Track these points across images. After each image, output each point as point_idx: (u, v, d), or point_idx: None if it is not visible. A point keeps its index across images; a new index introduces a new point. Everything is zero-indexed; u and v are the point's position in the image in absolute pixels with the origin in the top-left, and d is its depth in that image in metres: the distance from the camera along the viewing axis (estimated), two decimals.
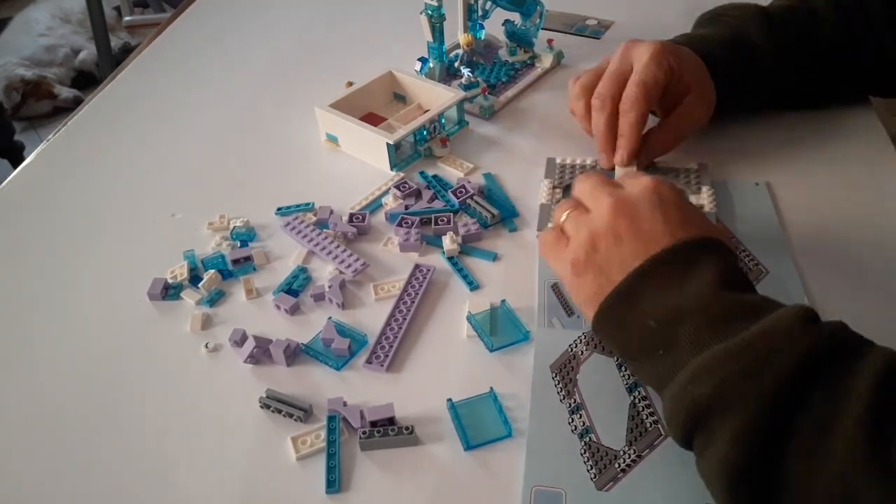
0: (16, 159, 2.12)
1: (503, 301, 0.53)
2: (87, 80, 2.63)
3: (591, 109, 0.62)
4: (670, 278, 0.41)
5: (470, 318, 0.52)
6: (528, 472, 0.43)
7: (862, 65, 0.65)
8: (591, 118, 0.62)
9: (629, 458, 0.43)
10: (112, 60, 2.38)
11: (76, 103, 2.31)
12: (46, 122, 2.47)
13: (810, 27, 0.64)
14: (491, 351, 0.50)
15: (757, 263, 0.54)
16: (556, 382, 0.48)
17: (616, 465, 0.43)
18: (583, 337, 0.50)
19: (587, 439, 0.44)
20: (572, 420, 0.45)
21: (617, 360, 0.48)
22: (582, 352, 0.49)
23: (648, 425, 0.44)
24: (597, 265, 0.44)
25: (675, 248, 0.42)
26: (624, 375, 0.47)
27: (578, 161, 0.65)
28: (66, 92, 2.51)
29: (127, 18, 2.79)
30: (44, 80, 2.48)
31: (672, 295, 0.41)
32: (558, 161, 0.66)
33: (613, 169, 0.61)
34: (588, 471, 0.43)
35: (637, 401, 0.46)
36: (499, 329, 0.52)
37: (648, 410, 0.45)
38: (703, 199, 0.59)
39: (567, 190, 0.62)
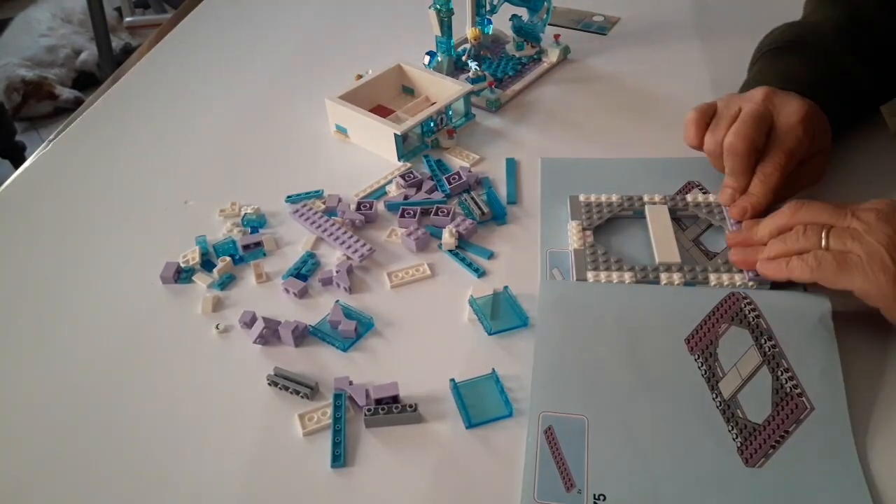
0: (17, 160, 2.13)
1: (506, 287, 0.55)
2: (87, 81, 2.62)
3: (725, 153, 0.57)
4: None
5: (472, 302, 0.54)
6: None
7: None
8: (725, 161, 0.57)
9: (777, 434, 0.43)
10: (113, 61, 2.37)
11: (77, 104, 2.32)
12: (47, 122, 2.46)
13: (873, 28, 0.64)
14: (490, 334, 0.52)
15: None
16: (696, 357, 0.48)
17: (765, 441, 0.43)
18: (717, 310, 0.50)
19: (731, 413, 0.45)
20: (715, 395, 0.46)
21: (754, 331, 0.48)
22: (721, 326, 0.49)
23: (793, 397, 0.45)
24: None
25: None
26: (764, 349, 0.47)
27: (604, 198, 0.60)
28: (66, 93, 2.50)
29: (128, 19, 2.80)
30: (45, 81, 2.48)
31: None
32: (582, 199, 0.60)
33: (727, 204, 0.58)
34: (737, 446, 0.43)
35: (780, 373, 0.46)
36: (499, 314, 0.53)
37: (792, 383, 0.45)
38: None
39: (596, 231, 0.58)
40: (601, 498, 0.41)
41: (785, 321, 0.48)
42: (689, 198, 0.60)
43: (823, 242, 0.48)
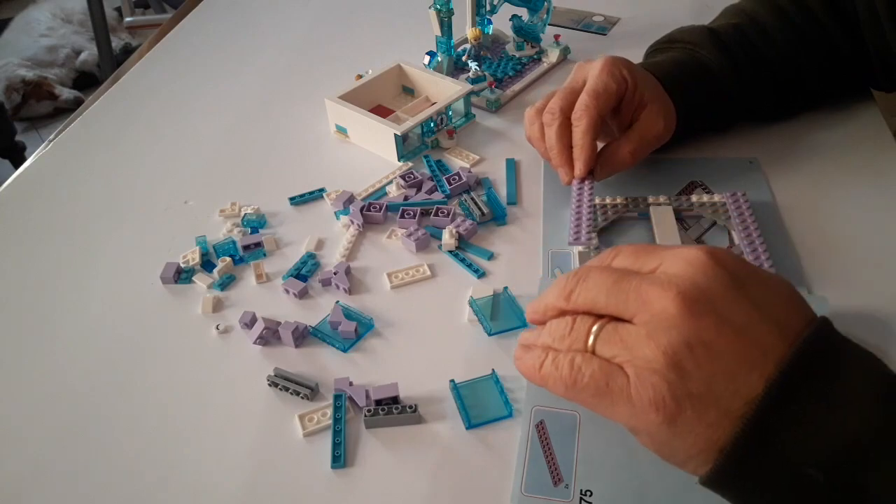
0: (17, 160, 2.13)
1: (505, 288, 0.55)
2: (87, 81, 2.62)
3: (544, 126, 0.60)
4: (818, 398, 0.30)
5: (472, 303, 0.54)
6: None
7: (822, 67, 0.65)
8: (545, 135, 0.60)
9: None
10: (113, 61, 2.37)
11: (77, 104, 2.31)
12: (47, 122, 2.46)
13: (759, 40, 0.64)
14: (489, 335, 0.52)
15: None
16: None
17: None
18: None
19: None
20: None
21: None
22: None
23: None
24: (695, 397, 0.30)
25: (805, 352, 0.30)
26: None
27: (609, 200, 0.60)
28: (66, 93, 2.50)
29: (128, 19, 2.80)
30: (45, 81, 2.48)
31: (831, 423, 0.29)
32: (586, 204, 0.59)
33: (571, 184, 0.58)
34: None
35: None
36: (499, 315, 0.53)
37: None
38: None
39: (601, 233, 0.58)
40: (588, 493, 0.42)
41: None
42: (693, 198, 0.60)
43: (592, 339, 0.34)
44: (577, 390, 0.34)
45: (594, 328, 0.34)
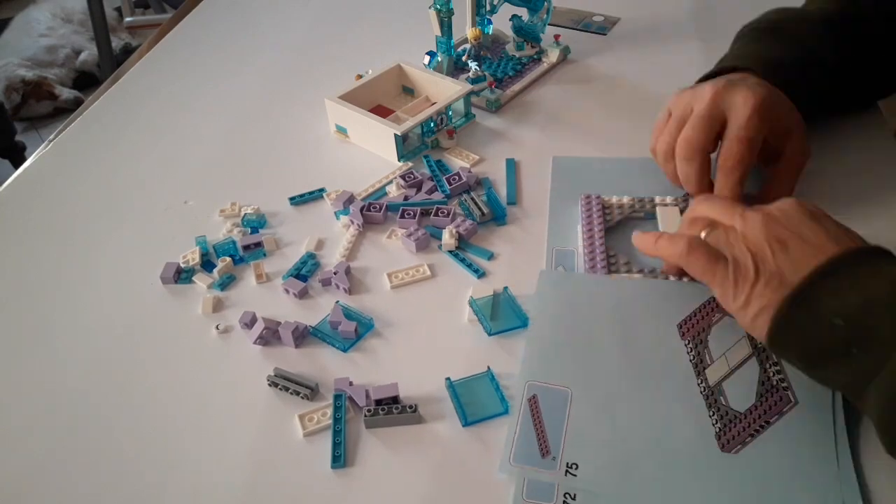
0: (17, 160, 2.13)
1: (505, 288, 0.55)
2: (87, 81, 2.62)
3: (676, 157, 0.57)
4: (854, 278, 0.41)
5: (472, 303, 0.54)
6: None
7: None
8: (677, 167, 0.58)
9: (758, 423, 0.44)
10: (113, 61, 2.37)
11: (77, 104, 2.31)
12: (47, 122, 2.46)
13: (865, 28, 0.63)
14: (489, 335, 0.52)
15: None
16: (687, 342, 0.49)
17: (744, 429, 0.44)
18: (713, 300, 0.50)
19: (714, 399, 0.45)
20: (700, 381, 0.46)
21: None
22: (714, 315, 0.49)
23: (779, 390, 0.45)
24: (769, 273, 0.43)
25: (854, 252, 0.42)
26: (755, 340, 0.48)
27: (615, 200, 0.61)
28: (66, 93, 2.50)
29: (128, 19, 2.80)
30: (44, 81, 2.47)
31: (857, 293, 0.40)
32: (594, 201, 0.60)
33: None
34: (715, 431, 0.44)
35: (769, 366, 0.46)
36: (499, 315, 0.53)
37: (779, 377, 0.46)
38: None
39: (607, 232, 0.58)
40: (573, 466, 0.43)
41: None
42: None
43: (703, 235, 0.48)
44: (690, 257, 0.47)
45: (705, 230, 0.48)
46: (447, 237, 0.59)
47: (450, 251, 0.59)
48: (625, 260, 0.55)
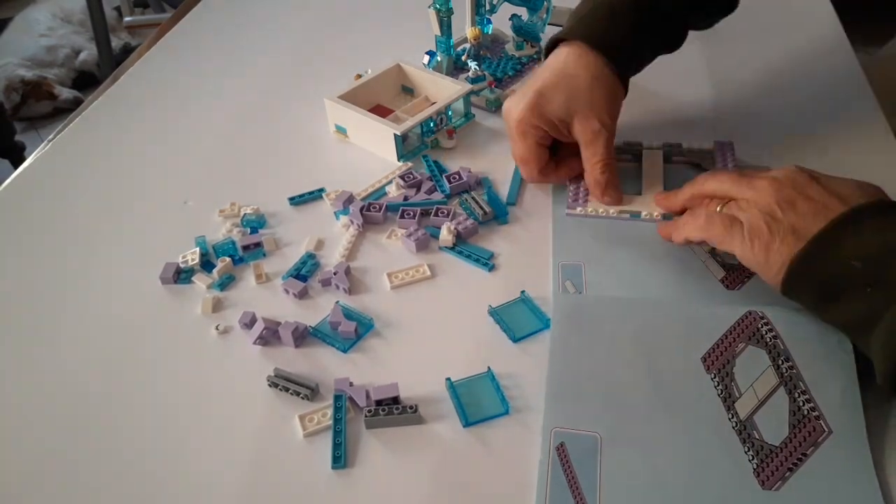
0: (17, 160, 2.13)
1: (522, 292, 0.55)
2: (87, 81, 2.61)
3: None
4: (872, 226, 0.44)
5: (491, 312, 0.53)
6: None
7: None
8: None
9: (795, 456, 0.42)
10: (113, 61, 2.37)
11: (76, 104, 2.30)
12: (47, 122, 2.45)
13: None
14: (514, 342, 0.51)
15: None
16: (713, 376, 0.47)
17: (781, 463, 0.42)
18: (734, 329, 0.49)
19: (747, 434, 0.44)
20: (731, 415, 0.45)
21: (772, 352, 0.47)
22: (738, 345, 0.48)
23: (811, 420, 0.44)
24: (784, 228, 0.46)
25: (877, 203, 0.46)
26: (781, 370, 0.46)
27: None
28: (66, 93, 2.49)
29: (127, 19, 2.79)
30: (44, 81, 2.47)
31: (876, 239, 0.44)
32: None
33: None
34: (753, 468, 0.42)
35: (797, 395, 0.45)
36: (520, 320, 0.53)
37: (809, 406, 0.44)
38: None
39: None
40: None
41: (803, 343, 0.47)
42: (683, 144, 0.65)
43: (718, 209, 0.51)
44: (710, 230, 0.50)
45: (719, 206, 0.51)
46: (445, 233, 0.59)
47: (452, 248, 0.59)
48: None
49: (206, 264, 0.60)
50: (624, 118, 0.73)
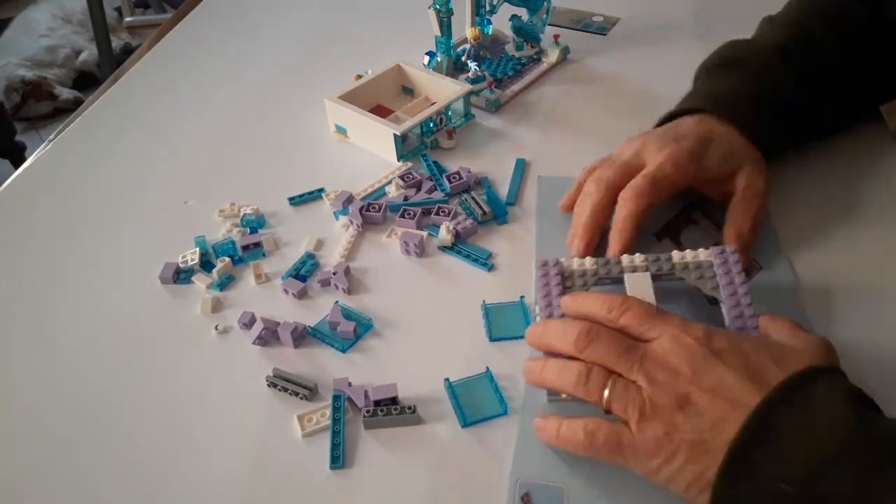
0: (17, 160, 2.13)
1: (521, 297, 0.54)
2: (87, 81, 2.62)
3: (581, 193, 0.57)
4: (789, 427, 0.36)
5: (484, 307, 0.54)
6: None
7: (875, 70, 0.63)
8: (580, 197, 0.57)
9: None
10: (113, 61, 2.37)
11: (76, 104, 2.31)
12: (47, 122, 2.46)
13: (819, 54, 0.61)
14: (491, 341, 0.52)
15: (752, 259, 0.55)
16: None
17: None
18: None
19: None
20: None
21: None
22: None
23: None
24: (685, 443, 0.38)
25: (772, 401, 0.36)
26: None
27: (576, 265, 0.51)
28: (66, 93, 2.50)
29: (128, 19, 2.80)
30: (44, 81, 2.47)
31: (799, 445, 0.35)
32: (564, 264, 0.51)
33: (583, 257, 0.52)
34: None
35: None
36: (506, 322, 0.53)
37: None
38: None
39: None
40: None
41: None
42: (674, 257, 0.50)
43: (607, 394, 0.40)
44: (594, 450, 0.41)
45: (610, 381, 0.41)
46: (444, 233, 0.59)
47: (451, 248, 0.59)
48: None
49: (206, 264, 0.60)
50: (623, 122, 0.74)
